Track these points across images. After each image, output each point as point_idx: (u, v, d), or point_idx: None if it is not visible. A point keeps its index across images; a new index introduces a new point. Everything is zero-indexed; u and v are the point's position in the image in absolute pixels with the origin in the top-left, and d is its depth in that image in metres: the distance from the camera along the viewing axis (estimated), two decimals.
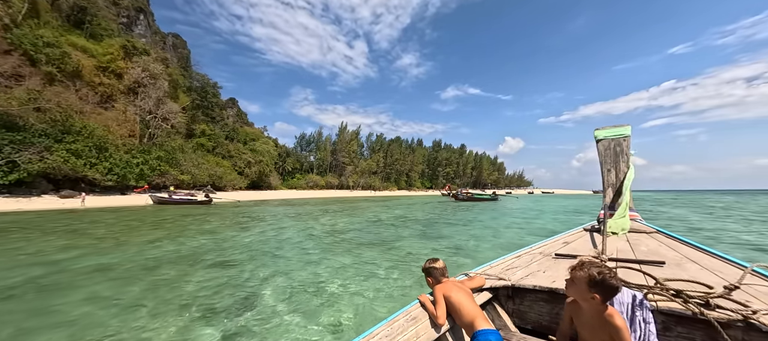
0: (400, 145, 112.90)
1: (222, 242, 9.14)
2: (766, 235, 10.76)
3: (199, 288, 5.07)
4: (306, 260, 6.76)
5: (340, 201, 39.94)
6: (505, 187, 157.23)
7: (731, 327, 1.48)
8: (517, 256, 2.95)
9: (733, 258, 2.30)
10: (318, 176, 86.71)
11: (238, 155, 59.70)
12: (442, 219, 14.85)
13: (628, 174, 3.97)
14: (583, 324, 1.46)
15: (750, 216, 17.68)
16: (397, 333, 1.59)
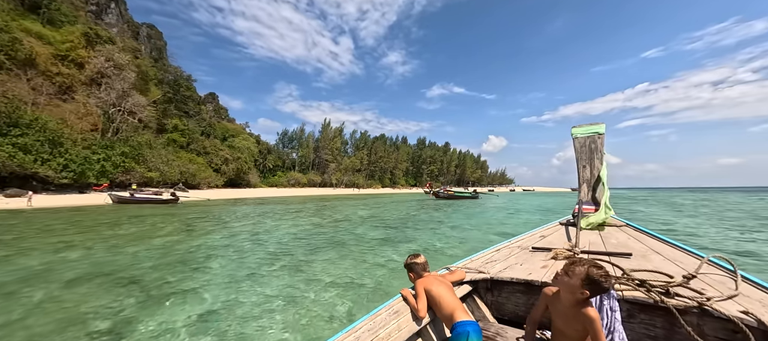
0: (385, 143, 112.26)
1: (147, 249, 8.04)
2: (727, 230, 10.75)
3: (46, 318, 3.92)
4: (229, 277, 5.60)
5: (319, 199, 38.86)
6: (488, 185, 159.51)
7: (688, 314, 1.59)
8: (496, 250, 3.02)
9: (693, 249, 2.47)
10: (300, 173, 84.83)
11: (214, 152, 57.32)
12: (412, 220, 14.04)
13: (603, 171, 4.11)
14: (558, 314, 1.50)
15: (719, 213, 18.13)
16: (379, 327, 1.63)
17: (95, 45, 37.95)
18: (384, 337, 1.60)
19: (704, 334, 1.57)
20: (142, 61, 46.72)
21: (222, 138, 69.59)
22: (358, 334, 1.56)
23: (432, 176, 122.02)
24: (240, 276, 5.69)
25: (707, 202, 31.22)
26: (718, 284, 1.87)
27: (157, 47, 62.85)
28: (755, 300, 1.67)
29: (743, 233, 10.79)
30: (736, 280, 1.87)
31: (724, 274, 2.04)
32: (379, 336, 1.59)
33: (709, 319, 1.57)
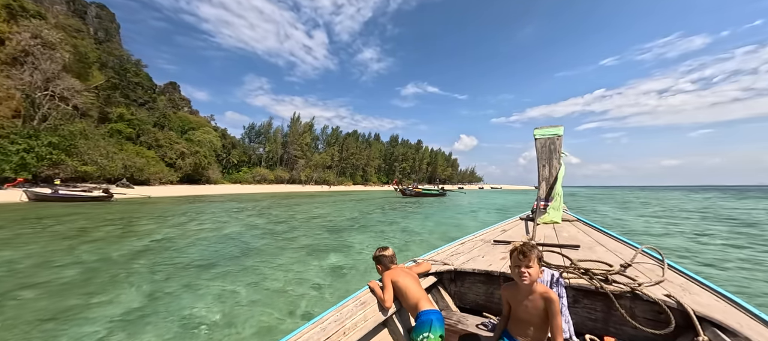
0: (357, 139, 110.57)
1: (18, 259, 6.32)
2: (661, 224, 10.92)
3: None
4: (57, 299, 4.28)
5: (282, 197, 36.74)
6: (458, 182, 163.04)
7: (623, 298, 1.76)
8: (461, 243, 3.21)
9: (630, 241, 2.88)
10: (267, 169, 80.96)
11: (168, 145, 52.69)
12: (363, 221, 12.77)
13: (560, 171, 4.40)
14: (518, 303, 1.59)
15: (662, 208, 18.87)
16: (346, 317, 1.67)
17: (18, 19, 32.94)
18: (350, 327, 1.65)
19: (635, 316, 1.73)
20: (81, 42, 41.56)
21: (181, 131, 64.40)
22: (325, 325, 1.59)
23: (404, 174, 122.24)
24: (61, 306, 4.10)
25: (656, 200, 33.26)
26: (649, 271, 2.11)
27: (106, 29, 56.63)
28: (677, 285, 1.90)
29: (673, 225, 11.88)
30: (663, 268, 2.12)
31: (654, 263, 2.30)
32: (345, 326, 1.63)
33: (640, 302, 1.74)
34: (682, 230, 10.74)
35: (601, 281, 1.86)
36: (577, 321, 1.89)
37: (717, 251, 7.52)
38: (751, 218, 14.33)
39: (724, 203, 26.67)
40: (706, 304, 1.64)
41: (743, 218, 14.41)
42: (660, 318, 1.62)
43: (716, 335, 1.42)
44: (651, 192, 70.17)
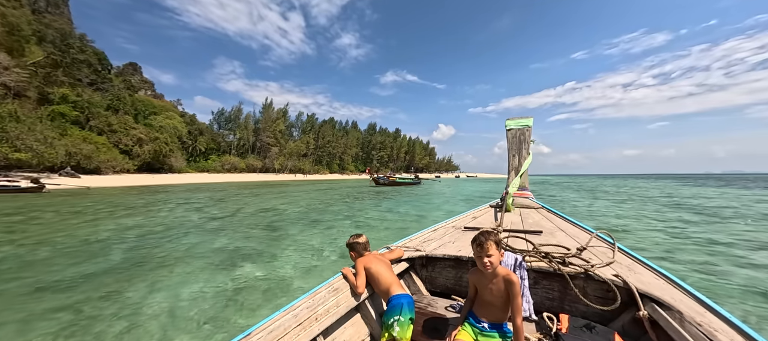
0: (333, 127, 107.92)
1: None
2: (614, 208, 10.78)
3: None
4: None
5: (246, 186, 34.66)
6: (435, 171, 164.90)
7: (577, 278, 1.89)
8: (433, 230, 3.28)
9: (587, 226, 3.04)
10: (238, 157, 77.11)
11: (123, 131, 48.29)
12: (315, 215, 11.34)
13: (527, 160, 4.83)
14: (484, 286, 1.67)
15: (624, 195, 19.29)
16: (318, 304, 1.71)
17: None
18: (323, 313, 1.68)
19: (587, 294, 1.87)
20: (12, 11, 36.43)
21: (143, 115, 59.25)
22: (297, 312, 1.61)
23: (382, 163, 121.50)
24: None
25: (625, 187, 34.53)
26: (601, 254, 2.25)
27: (54, 3, 50.08)
28: (625, 265, 2.04)
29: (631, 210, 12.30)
30: (614, 250, 2.26)
31: (606, 246, 2.46)
32: (317, 312, 1.67)
33: (592, 282, 1.88)
34: (665, 218, 10.91)
35: (559, 263, 1.99)
36: (536, 300, 2.02)
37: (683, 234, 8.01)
38: (711, 204, 15.02)
39: (684, 190, 27.96)
40: (648, 282, 1.80)
41: (704, 204, 14.87)
42: (608, 296, 1.78)
43: (654, 309, 1.58)
44: (619, 180, 73.88)
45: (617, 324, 1.77)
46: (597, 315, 1.82)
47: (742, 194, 22.54)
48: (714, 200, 17.34)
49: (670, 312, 1.51)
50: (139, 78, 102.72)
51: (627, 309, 1.74)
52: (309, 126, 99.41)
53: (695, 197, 19.98)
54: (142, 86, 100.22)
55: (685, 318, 1.44)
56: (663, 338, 1.52)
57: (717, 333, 1.31)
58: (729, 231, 8.29)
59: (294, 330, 1.54)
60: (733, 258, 5.79)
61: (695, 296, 1.62)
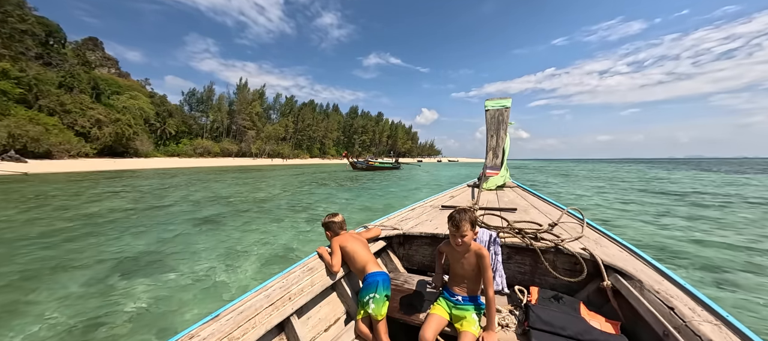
0: (313, 110, 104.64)
1: None
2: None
3: None
4: None
5: (214, 171, 32.75)
6: (418, 155, 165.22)
7: (548, 252, 1.96)
8: (411, 209, 3.31)
9: (559, 203, 3.20)
10: (211, 141, 73.39)
11: (79, 111, 44.26)
12: (272, 204, 10.33)
13: (506, 144, 4.98)
14: (455, 259, 1.73)
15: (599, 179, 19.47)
16: (292, 283, 1.70)
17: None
18: (297, 292, 1.67)
19: (557, 267, 1.94)
20: None
21: (105, 94, 54.46)
22: (269, 292, 1.59)
23: (364, 147, 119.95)
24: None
25: (597, 171, 35.30)
26: (571, 229, 2.35)
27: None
28: (592, 239, 2.14)
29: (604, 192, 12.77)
30: (583, 226, 2.38)
31: (576, 222, 2.57)
32: (291, 291, 1.65)
33: (561, 255, 1.96)
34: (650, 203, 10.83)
35: (532, 239, 2.06)
36: (509, 275, 2.09)
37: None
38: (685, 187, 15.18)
39: (658, 173, 28.77)
40: (612, 255, 1.88)
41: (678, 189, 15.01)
42: (576, 268, 1.86)
43: (617, 279, 1.67)
44: (592, 164, 76.39)
45: (583, 294, 1.87)
46: (565, 286, 1.91)
47: (717, 177, 23.34)
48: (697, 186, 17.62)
49: (631, 282, 1.61)
50: (101, 55, 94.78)
51: (592, 280, 1.83)
52: (288, 109, 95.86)
53: (676, 181, 20.37)
54: (105, 63, 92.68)
55: (644, 286, 1.53)
56: (624, 305, 1.65)
57: (672, 299, 1.40)
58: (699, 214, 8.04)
59: (266, 309, 1.51)
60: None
61: (655, 266, 1.74)
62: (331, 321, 1.87)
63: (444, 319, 1.66)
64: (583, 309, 1.64)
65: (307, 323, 1.74)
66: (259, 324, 1.43)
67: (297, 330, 1.61)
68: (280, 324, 1.58)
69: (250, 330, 1.39)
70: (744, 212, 8.60)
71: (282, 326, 1.61)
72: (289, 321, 1.61)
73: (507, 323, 1.69)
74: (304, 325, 1.70)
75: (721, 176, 25.47)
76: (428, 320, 1.63)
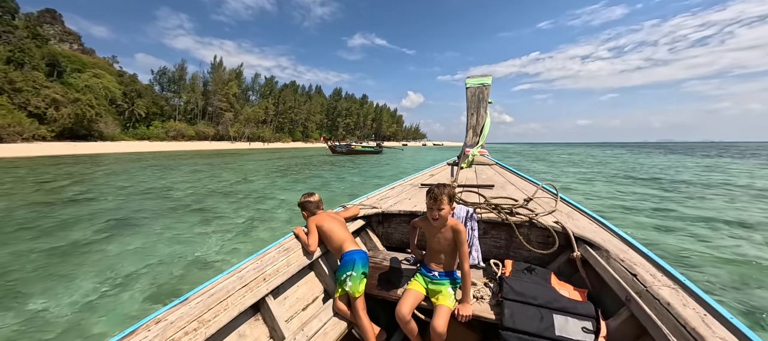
0: (295, 91, 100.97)
1: None
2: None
3: None
4: None
5: (183, 156, 30.79)
6: (403, 139, 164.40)
7: (522, 227, 1.98)
8: (390, 188, 3.32)
9: (534, 180, 3.34)
10: (185, 124, 69.55)
11: (31, 90, 40.36)
12: (209, 200, 8.61)
13: (486, 122, 4.98)
14: (432, 235, 1.76)
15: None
16: (267, 264, 1.67)
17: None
18: (272, 273, 1.65)
19: (531, 241, 1.97)
20: None
21: (67, 72, 49.78)
22: (243, 273, 1.56)
23: (348, 130, 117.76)
24: None
25: (578, 155, 35.56)
26: (545, 204, 2.38)
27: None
28: (564, 213, 2.21)
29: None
30: (557, 200, 2.42)
31: (550, 197, 2.63)
32: (266, 272, 1.63)
33: (535, 229, 1.98)
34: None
35: (507, 214, 2.08)
36: (485, 249, 2.13)
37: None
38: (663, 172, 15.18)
39: (640, 158, 29.11)
40: (582, 227, 1.95)
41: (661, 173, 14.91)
42: (548, 241, 1.91)
43: (586, 250, 1.73)
44: (573, 148, 77.91)
45: (554, 265, 1.93)
46: (538, 258, 1.97)
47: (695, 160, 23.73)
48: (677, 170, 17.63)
49: (599, 252, 1.67)
50: (61, 29, 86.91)
51: (564, 252, 1.90)
52: (268, 90, 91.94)
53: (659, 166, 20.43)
54: (66, 38, 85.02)
55: (611, 255, 1.60)
56: (591, 274, 1.71)
57: (635, 266, 1.47)
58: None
59: (239, 291, 1.47)
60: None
61: (621, 236, 1.84)
62: (309, 301, 1.86)
63: (420, 294, 1.71)
64: (553, 279, 1.72)
65: (284, 303, 1.73)
66: (231, 305, 1.40)
67: (273, 310, 1.58)
68: (255, 304, 1.56)
69: (222, 311, 1.35)
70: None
71: (257, 307, 1.59)
72: (264, 302, 1.59)
73: (482, 295, 1.73)
74: (280, 305, 1.69)
75: (714, 160, 26.02)
76: (405, 295, 1.69)
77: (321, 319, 1.73)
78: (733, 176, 13.71)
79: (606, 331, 1.38)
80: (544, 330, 1.40)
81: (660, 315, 1.20)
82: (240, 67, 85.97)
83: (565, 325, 1.41)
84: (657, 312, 1.21)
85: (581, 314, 1.42)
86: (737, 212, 7.03)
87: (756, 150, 52.81)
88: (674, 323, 1.13)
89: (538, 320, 1.44)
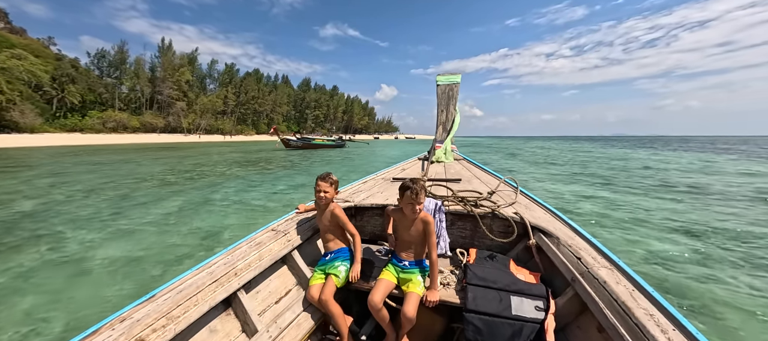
0: (259, 80, 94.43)
1: None
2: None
3: None
4: None
5: (114, 151, 26.15)
6: (375, 132, 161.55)
7: (486, 217, 2.11)
8: (363, 182, 3.40)
9: (498, 174, 3.48)
10: (128, 114, 61.83)
11: None
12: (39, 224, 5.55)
13: (456, 118, 5.29)
14: (404, 226, 1.82)
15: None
16: (237, 259, 1.65)
17: None
18: (243, 267, 1.64)
19: (493, 230, 2.09)
20: None
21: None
22: (213, 269, 1.54)
23: (317, 122, 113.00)
24: None
25: (548, 148, 35.08)
26: (507, 196, 2.53)
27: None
28: (523, 205, 2.35)
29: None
30: (517, 193, 2.61)
31: (511, 190, 2.79)
32: (237, 267, 1.61)
33: (497, 220, 2.11)
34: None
35: (473, 206, 2.20)
36: (452, 239, 2.22)
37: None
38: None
39: (608, 151, 28.82)
40: (538, 217, 2.09)
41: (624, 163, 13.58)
42: (508, 231, 2.02)
43: (541, 238, 1.87)
44: (542, 142, 79.60)
45: (513, 252, 2.07)
46: (499, 246, 2.09)
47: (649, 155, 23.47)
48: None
49: (551, 239, 1.82)
50: None
51: (521, 240, 2.03)
52: (227, 78, 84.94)
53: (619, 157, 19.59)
54: None
55: (561, 242, 1.75)
56: (544, 259, 1.86)
57: (580, 251, 1.63)
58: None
59: (209, 286, 1.44)
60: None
61: (570, 225, 2.00)
62: (282, 293, 1.85)
63: (392, 283, 1.77)
64: (512, 264, 1.87)
65: (256, 297, 1.72)
66: (201, 301, 1.38)
67: (245, 304, 1.57)
68: (227, 299, 1.53)
69: (191, 307, 1.33)
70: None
71: (229, 301, 1.56)
72: (236, 296, 1.57)
73: (448, 282, 1.83)
74: (252, 299, 1.68)
75: (666, 154, 26.06)
76: (377, 285, 1.73)
77: (294, 311, 1.75)
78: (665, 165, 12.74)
79: (554, 308, 1.52)
80: (503, 310, 1.52)
81: (598, 292, 1.36)
82: (194, 52, 78.32)
83: (520, 305, 1.53)
84: (596, 289, 1.37)
85: (534, 294, 1.56)
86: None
87: (684, 143, 56.17)
88: (609, 298, 1.29)
89: (497, 302, 1.55)
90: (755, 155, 24.85)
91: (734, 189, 9.37)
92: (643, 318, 1.12)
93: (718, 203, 7.55)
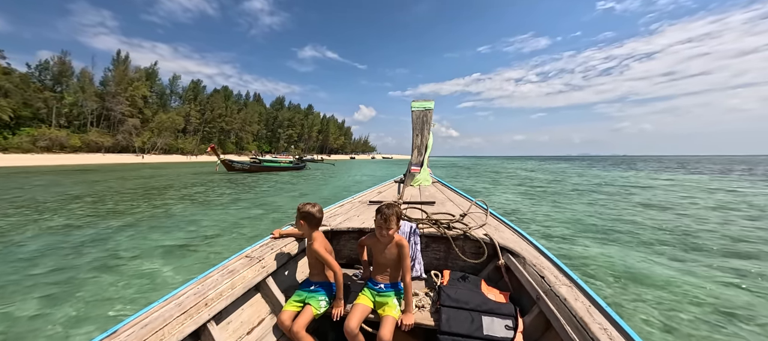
0: (227, 98, 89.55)
1: None
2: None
3: None
4: None
5: (28, 173, 20.88)
6: (351, 152, 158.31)
7: (458, 239, 2.17)
8: (340, 205, 3.37)
9: (469, 196, 3.59)
10: (68, 131, 54.76)
11: None
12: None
13: (429, 142, 5.36)
14: (379, 251, 1.85)
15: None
16: (208, 288, 1.59)
17: None
18: (214, 297, 1.56)
19: (465, 252, 2.15)
20: None
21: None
22: (181, 300, 1.47)
23: (291, 142, 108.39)
24: None
25: (520, 170, 33.21)
26: (477, 218, 2.61)
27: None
28: (493, 226, 2.43)
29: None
30: (487, 215, 2.71)
31: (482, 212, 2.88)
32: (208, 297, 1.54)
33: (469, 241, 2.17)
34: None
35: (445, 228, 2.25)
36: (426, 261, 2.26)
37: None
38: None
39: (576, 169, 27.11)
40: (507, 238, 2.17)
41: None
42: (479, 252, 2.08)
43: (509, 258, 1.94)
44: (516, 162, 79.54)
45: (484, 272, 2.12)
46: (471, 267, 2.15)
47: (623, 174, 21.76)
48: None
49: (518, 259, 1.89)
50: None
51: (492, 260, 2.08)
52: (192, 94, 79.50)
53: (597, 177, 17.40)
54: None
55: (527, 262, 1.83)
56: (513, 278, 1.92)
57: (544, 270, 1.71)
58: None
59: (177, 318, 1.37)
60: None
61: (535, 245, 2.10)
62: (255, 323, 1.81)
63: (368, 307, 1.76)
64: (483, 285, 1.92)
65: (228, 327, 1.65)
66: (168, 334, 1.30)
67: (215, 336, 1.50)
68: (195, 332, 1.45)
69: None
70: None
71: (198, 334, 1.49)
72: (205, 329, 1.49)
73: (423, 304, 1.85)
74: (223, 330, 1.61)
75: (645, 172, 24.62)
76: (353, 310, 1.71)
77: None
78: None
79: (523, 327, 1.58)
80: (475, 330, 1.57)
81: (559, 309, 1.43)
82: (153, 65, 72.77)
83: (491, 325, 1.58)
84: (557, 306, 1.45)
85: (504, 314, 1.62)
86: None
87: (633, 162, 57.61)
88: (568, 314, 1.36)
89: (469, 322, 1.60)
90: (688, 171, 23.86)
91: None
92: (598, 333, 1.21)
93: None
